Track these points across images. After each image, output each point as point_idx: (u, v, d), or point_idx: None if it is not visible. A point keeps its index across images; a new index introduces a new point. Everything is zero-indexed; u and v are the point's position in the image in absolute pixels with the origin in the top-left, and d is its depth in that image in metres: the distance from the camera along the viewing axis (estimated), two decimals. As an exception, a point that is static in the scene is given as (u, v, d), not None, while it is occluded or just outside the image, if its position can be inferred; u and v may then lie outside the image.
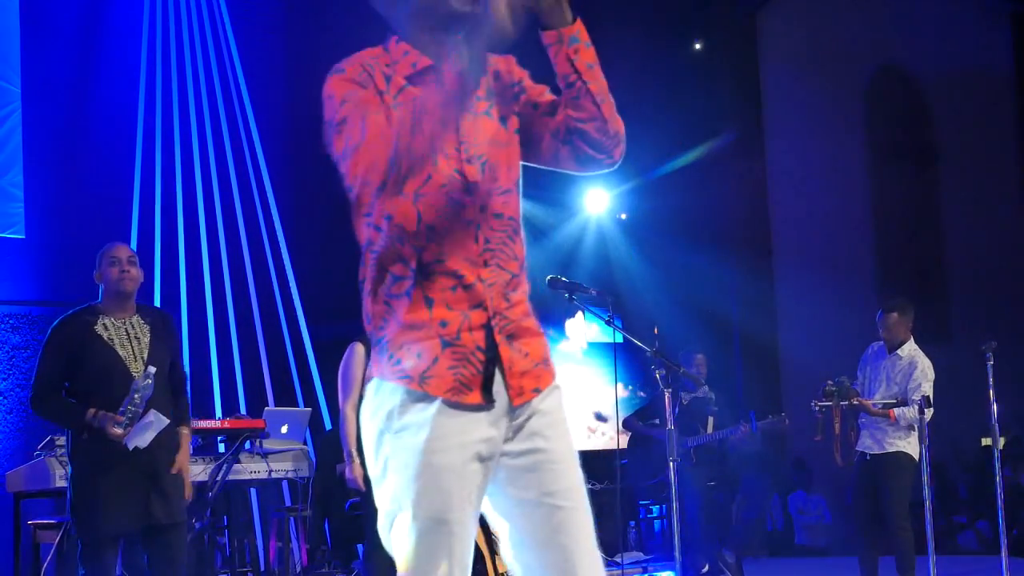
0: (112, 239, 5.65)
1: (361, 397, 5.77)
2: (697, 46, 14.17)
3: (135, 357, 5.26)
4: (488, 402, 2.52)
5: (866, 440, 7.91)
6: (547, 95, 2.72)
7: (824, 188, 14.89)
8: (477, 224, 2.54)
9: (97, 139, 9.56)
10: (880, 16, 15.34)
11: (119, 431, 5.08)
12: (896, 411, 7.69)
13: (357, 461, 6.16)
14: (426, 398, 2.50)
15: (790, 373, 14.02)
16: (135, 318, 5.36)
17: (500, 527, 2.64)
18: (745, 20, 14.51)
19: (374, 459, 2.56)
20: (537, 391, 2.59)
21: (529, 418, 2.58)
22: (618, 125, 2.65)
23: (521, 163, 2.69)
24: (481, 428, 2.52)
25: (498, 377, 2.54)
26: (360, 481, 6.16)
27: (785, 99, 14.68)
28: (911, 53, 15.81)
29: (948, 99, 15.86)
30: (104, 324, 5.27)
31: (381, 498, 2.55)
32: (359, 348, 6.31)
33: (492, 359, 2.53)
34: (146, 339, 5.33)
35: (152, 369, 5.14)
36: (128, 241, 9.33)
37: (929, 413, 7.40)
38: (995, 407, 7.45)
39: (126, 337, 5.29)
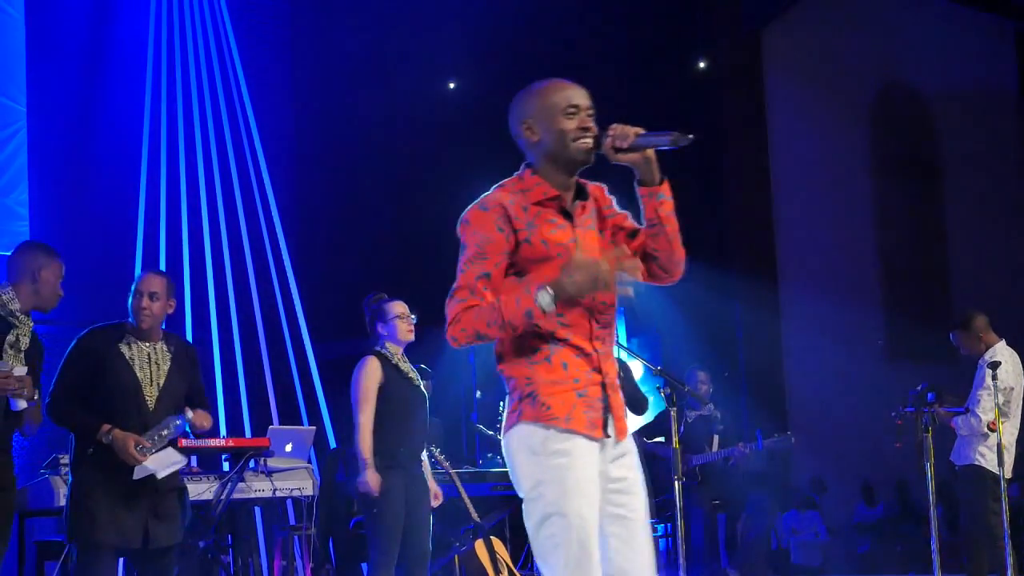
0: (117, 257, 5.68)
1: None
2: (702, 64, 14.19)
3: (151, 382, 5.29)
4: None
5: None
6: (629, 221, 3.62)
7: (829, 204, 14.90)
8: (591, 309, 3.43)
9: (102, 158, 9.58)
10: (885, 33, 15.36)
11: (137, 453, 5.09)
12: (955, 420, 7.51)
13: (372, 469, 6.15)
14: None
15: (795, 390, 14.00)
16: (160, 344, 5.39)
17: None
18: (750, 37, 14.53)
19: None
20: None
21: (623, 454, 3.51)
22: (682, 255, 3.58)
23: None
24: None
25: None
26: (376, 487, 6.15)
27: (790, 115, 14.70)
28: (916, 70, 15.83)
29: (953, 115, 15.86)
30: (128, 344, 5.31)
31: (533, 511, 3.36)
32: (373, 361, 6.32)
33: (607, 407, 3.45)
34: (166, 367, 5.36)
35: (190, 413, 5.18)
36: (133, 260, 9.36)
37: (1007, 425, 7.24)
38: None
39: (147, 361, 5.32)
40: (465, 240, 3.39)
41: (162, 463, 5.17)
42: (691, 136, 3.47)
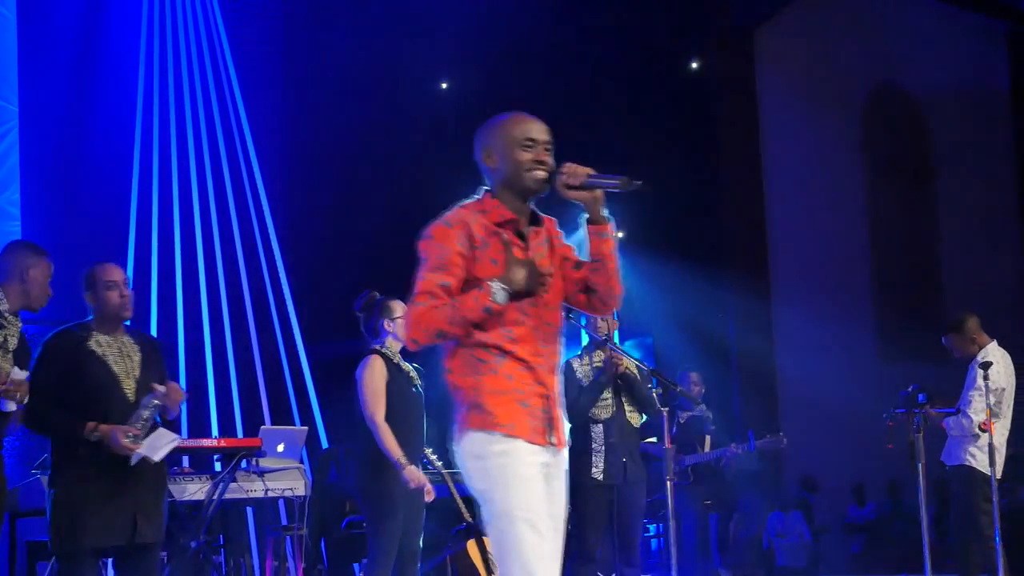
0: (109, 257, 5.63)
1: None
2: (694, 64, 14.20)
3: (127, 374, 5.25)
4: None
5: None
6: (574, 254, 3.85)
7: (821, 205, 14.91)
8: (537, 328, 3.68)
9: (94, 157, 9.57)
10: (878, 35, 15.38)
11: (128, 443, 5.07)
12: (946, 421, 7.49)
13: (411, 466, 6.11)
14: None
15: (787, 391, 14.02)
16: (125, 338, 5.36)
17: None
18: (743, 38, 14.55)
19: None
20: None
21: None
22: (620, 290, 3.79)
23: None
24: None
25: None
26: (422, 481, 6.12)
27: (782, 117, 14.71)
28: (908, 71, 15.85)
29: (945, 117, 15.88)
30: (97, 340, 5.27)
31: (486, 512, 3.61)
32: (377, 359, 6.28)
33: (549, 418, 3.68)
34: (137, 358, 5.31)
35: (161, 389, 5.14)
36: (125, 260, 9.35)
37: (998, 426, 7.24)
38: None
39: (119, 355, 5.28)
40: (427, 253, 3.65)
41: (155, 445, 5.15)
42: (639, 182, 3.64)
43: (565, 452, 3.77)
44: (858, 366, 14.29)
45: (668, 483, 6.14)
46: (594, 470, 6.99)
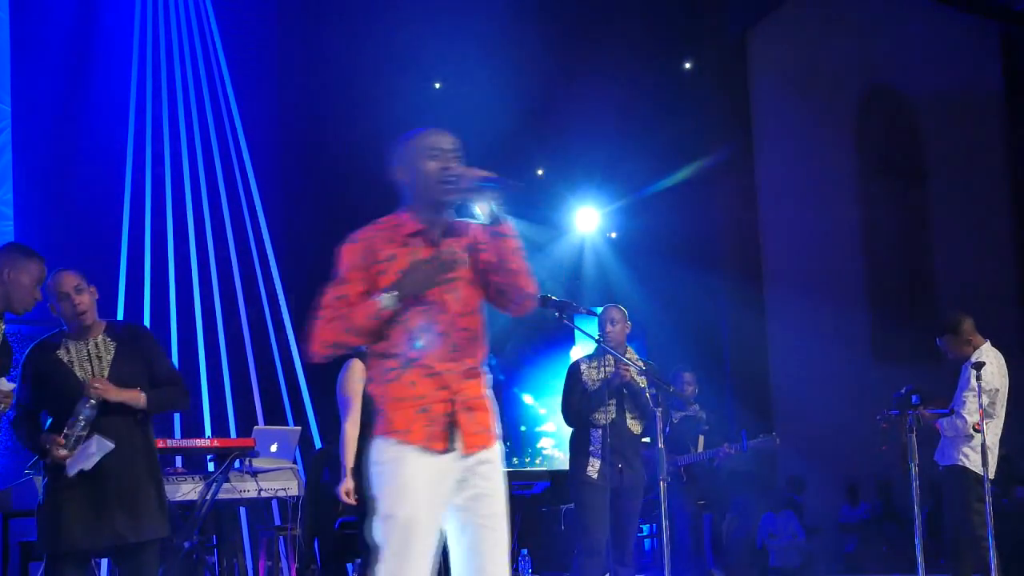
0: (102, 256, 5.65)
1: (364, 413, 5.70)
2: (687, 65, 14.21)
3: (93, 377, 5.23)
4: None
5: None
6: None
7: (814, 206, 14.92)
8: (448, 333, 3.72)
9: (87, 157, 9.56)
10: (870, 36, 15.39)
11: (63, 452, 5.07)
12: (940, 422, 7.47)
13: (350, 476, 6.16)
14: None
15: (780, 391, 14.03)
16: (100, 338, 5.34)
17: (450, 541, 3.74)
18: (736, 39, 14.56)
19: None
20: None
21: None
22: (531, 290, 3.82)
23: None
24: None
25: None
26: (350, 495, 6.17)
27: (775, 118, 14.73)
28: (901, 72, 15.86)
29: (938, 118, 15.90)
30: (67, 348, 5.28)
31: (373, 513, 3.64)
32: (356, 364, 6.30)
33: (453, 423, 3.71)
34: (108, 357, 5.30)
35: (93, 399, 5.12)
36: (118, 259, 9.34)
37: (991, 426, 7.25)
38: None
39: (87, 359, 5.27)
40: (335, 271, 3.79)
41: (83, 455, 5.11)
42: (521, 183, 3.72)
43: (488, 454, 3.77)
44: (851, 366, 14.31)
45: (661, 483, 6.14)
46: (589, 469, 7.01)
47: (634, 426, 7.12)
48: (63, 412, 5.16)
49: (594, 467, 7.02)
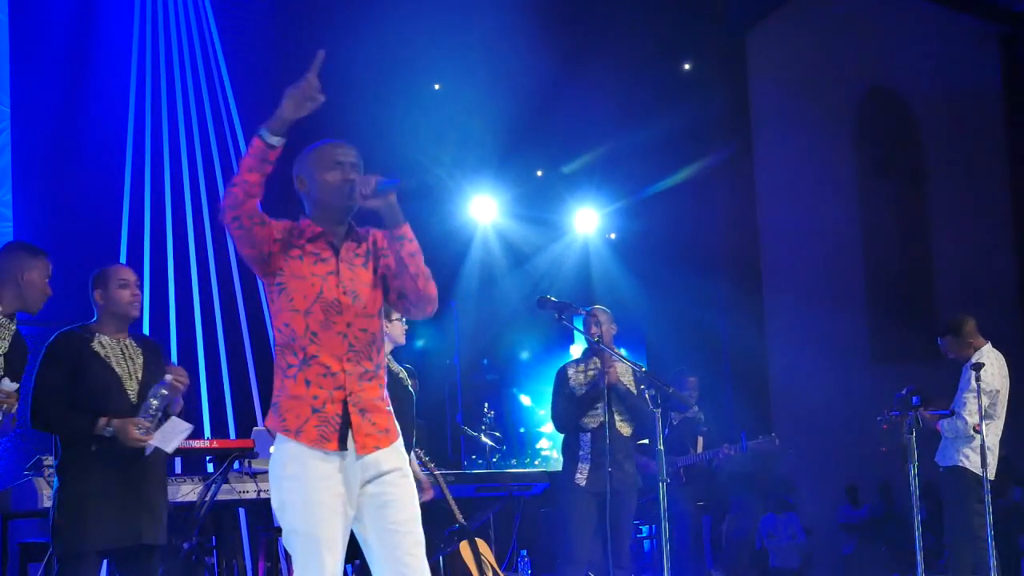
0: (102, 259, 5.64)
1: None
2: (687, 66, 14.21)
3: (130, 376, 5.26)
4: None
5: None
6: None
7: (813, 207, 14.93)
8: (345, 334, 3.80)
9: (87, 158, 9.55)
10: (870, 36, 15.39)
11: (140, 435, 5.07)
12: (940, 423, 7.49)
13: None
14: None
15: (780, 392, 14.03)
16: (129, 340, 5.37)
17: (365, 551, 3.87)
18: (735, 40, 14.57)
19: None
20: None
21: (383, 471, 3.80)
22: (432, 293, 3.89)
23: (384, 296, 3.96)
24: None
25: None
26: None
27: (775, 119, 14.73)
28: (900, 73, 15.86)
29: (937, 119, 15.89)
30: (100, 342, 5.27)
31: (281, 523, 3.81)
32: None
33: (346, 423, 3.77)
34: (140, 360, 5.33)
35: (169, 377, 5.15)
36: (117, 260, 9.33)
37: (991, 427, 7.26)
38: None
39: (121, 356, 5.28)
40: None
41: (168, 435, 5.16)
42: (413, 181, 3.87)
43: (390, 456, 3.82)
44: (851, 367, 14.32)
45: (661, 484, 6.14)
46: (578, 476, 7.02)
47: (624, 428, 7.12)
48: (97, 404, 5.15)
49: (583, 473, 7.03)
